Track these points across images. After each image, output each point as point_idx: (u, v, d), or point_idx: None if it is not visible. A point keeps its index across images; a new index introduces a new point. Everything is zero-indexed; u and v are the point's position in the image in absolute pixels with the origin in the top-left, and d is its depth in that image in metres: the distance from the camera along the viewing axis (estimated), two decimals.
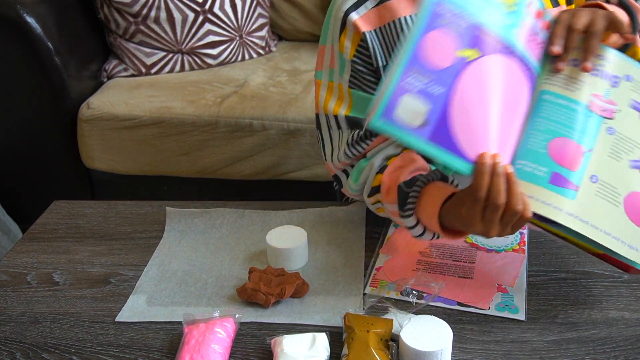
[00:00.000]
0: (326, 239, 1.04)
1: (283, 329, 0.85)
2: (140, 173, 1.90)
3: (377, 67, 0.98)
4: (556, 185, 0.78)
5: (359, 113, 0.99)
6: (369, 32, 0.97)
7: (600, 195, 0.80)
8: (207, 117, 1.80)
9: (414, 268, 0.96)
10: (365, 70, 0.98)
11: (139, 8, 1.97)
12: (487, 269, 0.95)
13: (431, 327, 0.78)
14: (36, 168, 1.93)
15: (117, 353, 0.83)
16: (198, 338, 0.80)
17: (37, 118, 1.86)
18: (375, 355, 0.75)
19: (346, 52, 0.98)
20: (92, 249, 1.05)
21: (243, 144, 1.80)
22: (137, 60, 2.05)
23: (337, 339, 0.82)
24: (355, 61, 0.98)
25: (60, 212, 1.16)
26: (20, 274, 0.99)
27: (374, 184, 0.97)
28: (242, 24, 2.12)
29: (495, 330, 0.84)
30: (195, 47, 2.06)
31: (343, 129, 1.01)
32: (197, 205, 1.13)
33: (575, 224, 0.78)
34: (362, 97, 0.99)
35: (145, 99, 1.87)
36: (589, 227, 0.78)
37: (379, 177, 0.96)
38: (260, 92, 1.90)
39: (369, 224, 1.07)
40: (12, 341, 0.86)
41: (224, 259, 1.00)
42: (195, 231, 1.07)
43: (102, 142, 1.85)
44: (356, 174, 1.01)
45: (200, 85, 1.95)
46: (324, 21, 1.04)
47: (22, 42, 1.75)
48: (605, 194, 0.80)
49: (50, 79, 1.80)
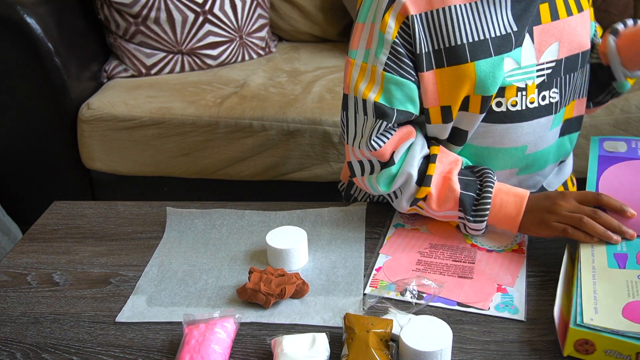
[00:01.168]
0: (326, 239, 1.04)
1: (283, 329, 0.85)
2: (141, 174, 1.90)
3: (418, 53, 0.95)
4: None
5: (388, 100, 0.96)
6: (417, 15, 0.93)
7: None
8: (207, 118, 1.80)
9: (414, 268, 0.96)
10: (405, 54, 0.95)
11: (139, 9, 1.97)
12: (487, 269, 0.95)
13: (431, 327, 0.78)
14: (36, 169, 1.93)
15: (117, 353, 0.83)
16: (198, 338, 0.80)
17: (37, 119, 1.86)
18: (375, 356, 0.75)
19: (389, 32, 0.94)
20: (92, 250, 1.05)
21: (243, 144, 1.80)
22: (137, 60, 2.05)
23: (337, 339, 0.82)
24: (396, 42, 0.94)
25: (60, 212, 1.16)
26: (21, 274, 0.99)
27: (419, 196, 0.98)
28: (242, 25, 2.12)
29: (495, 330, 0.84)
30: (195, 47, 2.07)
31: (369, 115, 0.97)
32: (197, 206, 1.14)
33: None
34: (396, 83, 0.95)
35: (145, 99, 1.87)
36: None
37: (424, 189, 0.97)
38: (260, 92, 1.90)
39: (369, 224, 1.07)
40: (12, 341, 0.86)
41: (224, 260, 1.00)
42: (195, 231, 1.07)
43: (102, 142, 1.85)
44: (387, 180, 0.99)
45: (200, 86, 1.96)
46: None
47: (23, 43, 1.75)
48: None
49: (50, 79, 1.80)
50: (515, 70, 0.98)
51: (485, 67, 0.95)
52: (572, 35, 1.01)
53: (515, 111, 1.00)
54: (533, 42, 0.98)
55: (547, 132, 1.04)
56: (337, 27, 2.29)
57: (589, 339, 0.78)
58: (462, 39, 0.94)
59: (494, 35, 0.95)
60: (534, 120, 1.01)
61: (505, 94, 0.98)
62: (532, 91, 1.00)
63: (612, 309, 0.80)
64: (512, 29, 0.96)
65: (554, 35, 0.99)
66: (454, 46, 0.95)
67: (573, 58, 1.02)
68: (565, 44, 1.00)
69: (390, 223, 1.07)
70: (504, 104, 0.99)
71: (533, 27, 0.98)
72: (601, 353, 0.77)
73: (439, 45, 0.95)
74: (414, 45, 0.95)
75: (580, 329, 0.78)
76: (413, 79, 0.96)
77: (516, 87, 0.99)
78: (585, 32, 1.03)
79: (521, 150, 1.04)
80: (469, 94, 0.97)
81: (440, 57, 0.96)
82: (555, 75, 1.01)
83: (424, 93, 0.98)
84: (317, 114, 1.76)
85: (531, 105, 1.00)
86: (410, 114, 0.98)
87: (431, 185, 0.97)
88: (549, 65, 1.00)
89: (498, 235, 1.02)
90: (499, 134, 1.01)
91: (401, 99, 0.96)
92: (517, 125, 1.01)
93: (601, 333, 0.77)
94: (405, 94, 0.97)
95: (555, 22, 0.99)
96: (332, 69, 2.04)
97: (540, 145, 1.05)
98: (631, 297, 0.81)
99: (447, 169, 0.98)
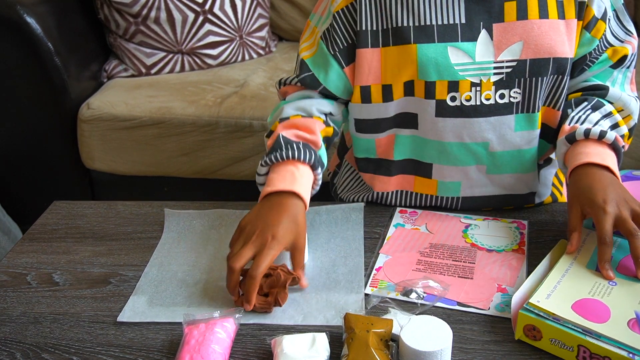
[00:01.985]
0: (325, 237, 1.04)
1: (283, 329, 0.85)
2: (141, 173, 1.90)
3: (361, 29, 0.99)
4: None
5: (312, 64, 1.04)
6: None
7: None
8: (207, 118, 1.80)
9: (414, 268, 0.96)
10: (341, 28, 1.01)
11: (139, 8, 1.97)
12: (487, 269, 0.95)
13: (431, 327, 0.78)
14: (36, 168, 1.93)
15: (117, 353, 0.83)
16: (198, 338, 0.80)
17: (37, 118, 1.86)
18: (375, 356, 0.75)
19: (334, 5, 1.00)
20: (92, 250, 1.05)
21: (243, 144, 1.80)
22: (137, 60, 2.05)
23: (337, 339, 0.82)
24: (335, 17, 1.00)
25: (60, 212, 1.16)
26: (21, 274, 0.99)
27: (272, 128, 1.04)
28: (242, 25, 2.12)
29: (496, 330, 0.84)
30: (195, 47, 2.07)
31: (297, 66, 1.08)
32: (197, 206, 1.14)
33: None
34: (323, 52, 1.03)
35: (146, 99, 1.87)
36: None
37: (276, 124, 1.04)
38: (260, 92, 1.90)
39: (368, 225, 1.07)
40: (12, 341, 0.86)
41: (225, 260, 1.00)
42: (193, 232, 1.07)
43: (102, 142, 1.85)
44: (272, 111, 1.09)
45: (200, 86, 1.96)
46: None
47: (23, 43, 1.75)
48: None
49: (50, 79, 1.80)
50: (469, 65, 0.98)
51: (427, 52, 0.97)
52: (541, 38, 0.97)
53: (470, 106, 1.00)
54: (492, 38, 0.98)
55: (511, 132, 1.02)
56: None
57: (535, 325, 0.79)
58: (408, 21, 0.97)
59: (440, 22, 0.97)
60: (492, 117, 1.00)
61: (460, 88, 0.98)
62: (488, 87, 0.99)
63: (564, 300, 0.81)
64: (460, 21, 0.97)
65: (517, 34, 0.97)
66: (400, 27, 0.98)
67: (541, 62, 0.98)
68: (531, 45, 0.97)
69: (390, 223, 1.07)
70: (457, 98, 0.99)
71: (493, 24, 0.97)
72: (547, 341, 0.79)
73: (387, 24, 0.99)
74: (357, 22, 0.99)
75: (527, 314, 0.80)
76: (333, 54, 1.02)
77: (470, 82, 0.99)
78: (561, 39, 0.98)
79: (483, 147, 1.03)
80: (412, 78, 0.99)
81: (387, 36, 0.99)
82: (517, 75, 0.99)
83: (367, 70, 1.01)
84: None
85: (487, 102, 0.99)
86: (317, 82, 1.04)
87: (281, 124, 1.04)
88: (509, 64, 0.98)
89: (498, 235, 1.02)
90: (457, 129, 1.01)
91: (321, 66, 1.04)
92: (474, 121, 1.00)
93: (546, 321, 0.78)
94: (324, 64, 1.03)
95: (521, 22, 0.97)
96: None
97: (506, 145, 1.03)
98: (590, 295, 0.82)
99: (299, 126, 1.03)
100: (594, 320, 0.77)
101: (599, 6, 0.99)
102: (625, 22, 1.04)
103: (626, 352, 0.73)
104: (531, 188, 1.10)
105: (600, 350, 0.75)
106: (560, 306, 0.80)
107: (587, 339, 0.76)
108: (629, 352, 0.73)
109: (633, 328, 0.76)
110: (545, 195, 1.13)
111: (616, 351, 0.74)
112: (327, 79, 1.04)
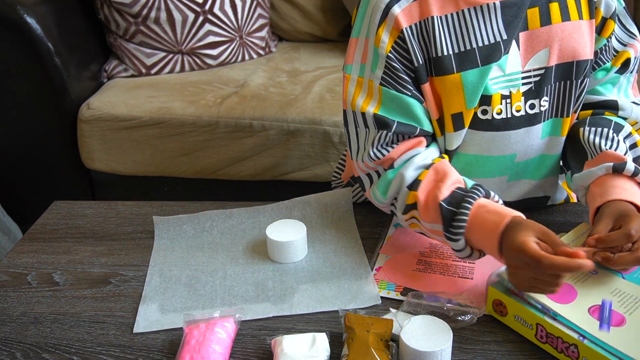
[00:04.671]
0: (319, 229, 1.05)
1: (283, 329, 0.85)
2: (141, 174, 1.90)
3: (415, 67, 0.93)
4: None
5: (388, 113, 0.94)
6: (409, 27, 0.92)
7: None
8: (207, 118, 1.80)
9: (414, 268, 0.96)
10: (400, 68, 0.93)
11: (139, 9, 1.97)
12: (487, 270, 0.95)
13: (431, 327, 0.78)
14: (36, 168, 1.93)
15: (117, 353, 0.83)
16: (198, 338, 0.80)
17: (37, 119, 1.86)
18: (375, 356, 0.75)
19: (382, 46, 0.93)
20: (92, 249, 1.05)
21: (243, 144, 1.80)
22: (137, 60, 2.05)
23: (337, 339, 0.82)
24: (390, 57, 0.93)
25: (60, 212, 1.16)
26: (21, 274, 0.99)
27: (408, 202, 0.92)
28: (242, 25, 2.12)
29: (495, 330, 0.84)
30: (196, 47, 2.07)
31: (370, 128, 0.96)
32: (197, 206, 1.14)
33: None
34: (394, 97, 0.94)
35: (146, 99, 1.87)
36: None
37: (413, 194, 0.91)
38: (260, 92, 1.90)
39: (369, 225, 1.08)
40: (12, 341, 0.86)
41: (225, 260, 1.00)
42: (185, 237, 1.06)
43: (102, 142, 1.85)
44: (384, 187, 0.96)
45: (200, 86, 1.96)
46: (356, 11, 0.99)
47: (23, 43, 1.75)
48: None
49: (50, 79, 1.80)
50: (499, 78, 0.95)
51: (472, 78, 0.93)
52: (566, 41, 0.96)
53: (501, 119, 0.96)
54: (519, 48, 0.95)
55: (537, 141, 1.00)
56: (337, 27, 2.29)
57: (502, 300, 0.83)
58: (447, 49, 0.93)
59: (481, 44, 0.93)
60: (521, 129, 0.98)
61: (492, 102, 0.95)
62: (518, 99, 0.96)
63: None
64: (502, 37, 0.93)
65: (542, 41, 0.95)
66: (440, 57, 0.93)
67: (566, 66, 0.97)
68: (555, 50, 0.96)
69: (390, 223, 1.07)
70: (489, 112, 0.96)
71: (519, 33, 0.95)
72: (511, 317, 0.83)
73: (429, 55, 0.94)
74: (411, 58, 0.93)
75: (496, 288, 0.83)
76: (410, 93, 0.94)
77: (500, 95, 0.96)
78: (583, 40, 0.97)
79: (510, 159, 1.01)
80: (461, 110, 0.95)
81: (430, 68, 0.94)
82: (544, 83, 0.97)
83: (430, 105, 0.96)
84: (317, 113, 1.76)
85: (517, 114, 0.97)
86: (411, 126, 0.95)
87: (419, 190, 0.91)
88: (536, 73, 0.96)
89: None
90: (486, 142, 0.98)
91: (399, 111, 0.95)
92: (504, 134, 0.97)
93: (511, 297, 0.82)
94: (401, 108, 0.95)
95: (545, 28, 0.95)
96: (332, 69, 2.04)
97: (530, 154, 1.02)
98: (570, 280, 0.84)
99: (439, 177, 0.92)
100: (558, 301, 0.80)
101: (607, 5, 0.98)
102: (628, 25, 1.02)
103: (577, 335, 0.76)
104: (547, 192, 1.09)
105: (554, 330, 0.78)
106: None
107: (544, 318, 0.79)
108: (580, 334, 0.76)
109: (593, 314, 0.78)
110: (559, 200, 1.13)
111: (568, 332, 0.76)
112: (419, 120, 0.95)
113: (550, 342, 0.78)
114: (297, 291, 0.92)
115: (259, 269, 0.98)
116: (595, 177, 0.93)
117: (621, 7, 1.01)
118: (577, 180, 0.96)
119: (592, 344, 0.74)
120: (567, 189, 1.14)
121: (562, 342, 0.77)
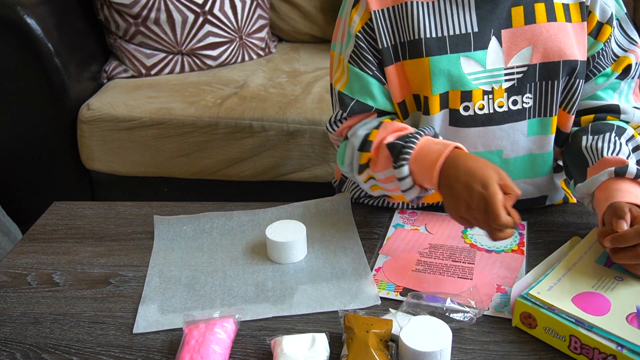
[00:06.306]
0: (319, 230, 1.06)
1: (283, 330, 0.85)
2: (140, 174, 1.90)
3: (381, 47, 0.98)
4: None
5: (350, 91, 1.00)
6: (379, 10, 0.97)
7: None
8: (207, 119, 1.80)
9: (413, 269, 0.96)
10: (366, 48, 0.99)
11: (139, 9, 1.97)
12: (487, 270, 0.95)
13: (431, 327, 0.78)
14: (36, 169, 1.93)
15: (117, 353, 0.83)
16: (198, 339, 0.80)
17: (37, 119, 1.86)
18: (375, 356, 0.75)
19: (353, 26, 0.99)
20: (92, 250, 1.05)
21: (243, 145, 1.80)
22: (137, 61, 2.05)
23: (336, 339, 0.82)
24: (358, 37, 0.98)
25: (60, 213, 1.16)
26: (21, 274, 0.99)
27: (362, 162, 0.97)
28: (242, 25, 2.12)
29: (495, 330, 0.84)
30: (195, 48, 2.07)
31: (335, 103, 1.04)
32: (197, 207, 1.14)
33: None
34: (357, 74, 0.99)
35: (145, 100, 1.87)
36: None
37: (365, 154, 0.96)
38: (260, 93, 1.90)
39: (368, 225, 1.08)
40: (12, 341, 0.86)
41: (225, 260, 1.00)
42: (185, 238, 1.06)
43: (102, 143, 1.85)
44: (341, 157, 1.03)
45: (200, 87, 1.96)
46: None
47: (23, 44, 1.75)
48: None
49: (50, 80, 1.80)
50: (480, 74, 0.97)
51: (439, 64, 0.96)
52: (551, 41, 0.97)
53: (484, 115, 0.99)
54: (501, 45, 0.97)
55: (523, 138, 1.01)
56: None
57: (531, 313, 0.81)
58: (419, 34, 0.96)
59: (452, 33, 0.96)
60: (505, 125, 1.00)
61: (472, 97, 0.98)
62: (501, 95, 0.98)
63: (565, 292, 0.82)
64: (473, 30, 0.96)
65: (526, 39, 0.97)
66: (413, 40, 0.97)
67: (551, 65, 0.98)
68: (539, 49, 0.97)
69: (390, 223, 1.08)
70: (471, 107, 0.98)
71: (501, 30, 0.97)
72: (541, 329, 0.81)
73: (402, 39, 0.98)
74: (377, 40, 0.98)
75: (524, 301, 0.82)
76: (371, 73, 0.99)
77: (482, 90, 0.98)
78: (569, 42, 0.98)
79: (497, 155, 1.02)
80: (427, 93, 0.98)
81: (404, 51, 0.98)
82: (527, 80, 0.98)
83: (392, 87, 1.00)
84: (316, 114, 1.76)
85: (500, 109, 0.99)
86: (367, 106, 1.00)
87: (371, 149, 0.95)
88: (519, 70, 0.98)
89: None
90: (471, 139, 1.00)
91: (360, 90, 1.00)
92: (488, 129, 1.00)
93: (541, 309, 0.80)
94: (363, 87, 1.00)
95: (529, 26, 0.97)
96: None
97: (518, 151, 1.03)
98: (593, 289, 0.83)
99: (387, 132, 0.95)
100: (593, 313, 0.78)
101: (603, 10, 0.99)
102: (629, 31, 1.03)
103: (615, 345, 0.75)
104: (543, 192, 1.10)
105: (590, 342, 0.76)
106: (560, 298, 0.81)
107: (578, 330, 0.77)
108: (618, 344, 0.75)
109: (632, 322, 0.77)
110: (557, 199, 1.13)
111: (605, 343, 0.75)
112: (375, 100, 1.00)
113: (585, 354, 0.77)
114: (296, 291, 0.92)
115: (258, 269, 0.98)
116: (598, 183, 0.93)
117: (622, 12, 1.02)
118: (581, 189, 0.97)
119: (632, 353, 0.73)
120: (565, 188, 1.14)
121: (599, 352, 0.76)
